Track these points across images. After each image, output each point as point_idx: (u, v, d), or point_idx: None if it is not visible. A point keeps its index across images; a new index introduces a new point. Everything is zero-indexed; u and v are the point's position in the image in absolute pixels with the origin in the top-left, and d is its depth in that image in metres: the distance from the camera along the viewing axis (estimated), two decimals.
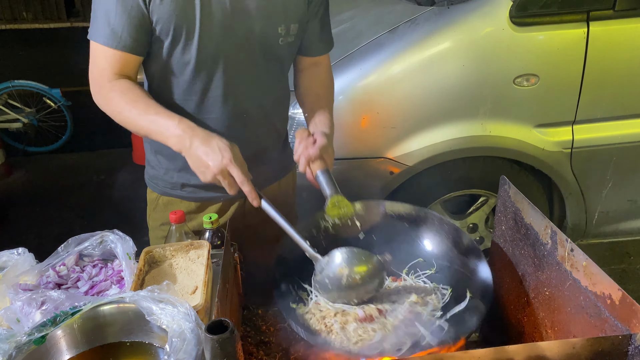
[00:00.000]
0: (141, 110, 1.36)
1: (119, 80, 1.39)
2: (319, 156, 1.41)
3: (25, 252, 1.36)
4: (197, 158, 1.30)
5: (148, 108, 1.36)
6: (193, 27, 1.36)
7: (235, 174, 1.29)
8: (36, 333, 1.02)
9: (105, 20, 1.34)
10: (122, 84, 1.39)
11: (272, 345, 1.41)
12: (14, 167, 4.71)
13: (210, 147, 1.29)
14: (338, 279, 1.28)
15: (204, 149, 1.29)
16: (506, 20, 2.38)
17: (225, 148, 1.29)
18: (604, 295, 1.04)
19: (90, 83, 1.42)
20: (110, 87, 1.39)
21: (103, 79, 1.39)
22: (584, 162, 2.63)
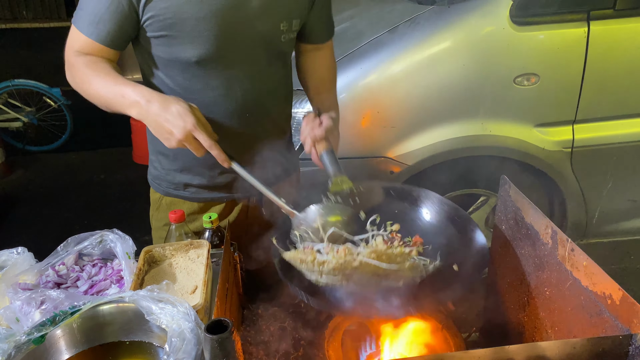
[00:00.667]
0: (102, 80, 1.34)
1: (85, 55, 1.38)
2: (324, 137, 1.43)
3: (25, 252, 1.36)
4: (158, 125, 1.27)
5: (107, 77, 1.34)
6: (192, 23, 1.34)
7: (201, 138, 1.26)
8: (35, 332, 1.01)
9: (89, 9, 1.34)
10: (88, 58, 1.38)
11: (272, 345, 1.41)
12: (13, 166, 4.71)
13: (170, 112, 1.25)
14: (315, 231, 1.30)
15: (164, 116, 1.25)
16: (507, 20, 2.38)
17: (185, 112, 1.25)
18: (604, 295, 1.04)
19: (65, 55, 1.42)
20: (75, 60, 1.38)
21: (70, 54, 1.39)
22: (584, 162, 2.63)
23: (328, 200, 1.36)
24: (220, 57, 1.42)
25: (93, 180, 4.53)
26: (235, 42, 1.41)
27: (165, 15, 1.32)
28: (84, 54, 1.38)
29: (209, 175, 1.57)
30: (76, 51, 1.39)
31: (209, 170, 1.55)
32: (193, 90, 1.45)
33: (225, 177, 1.57)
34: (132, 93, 1.29)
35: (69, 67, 1.41)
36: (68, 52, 1.41)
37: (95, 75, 1.35)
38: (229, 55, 1.42)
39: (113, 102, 1.34)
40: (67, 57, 1.41)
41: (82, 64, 1.37)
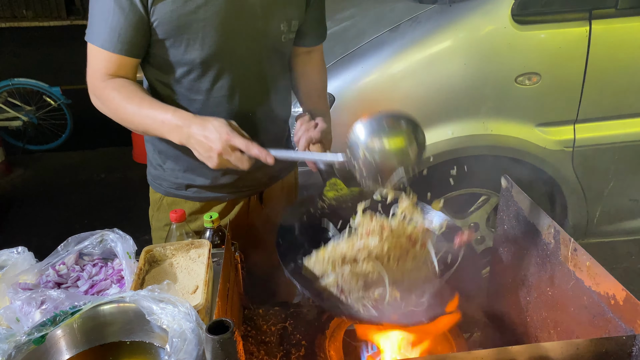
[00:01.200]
0: (136, 106, 1.35)
1: (113, 79, 1.38)
2: (319, 139, 1.43)
3: (25, 251, 1.35)
4: (199, 144, 1.29)
5: (142, 103, 1.35)
6: (197, 26, 1.35)
7: (237, 142, 1.26)
8: (36, 333, 1.01)
9: (101, 22, 1.33)
10: (115, 82, 1.38)
11: (273, 345, 1.41)
12: (13, 166, 4.71)
13: (207, 130, 1.27)
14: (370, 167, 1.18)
15: (203, 134, 1.27)
16: (508, 19, 2.37)
17: (221, 125, 1.27)
18: (607, 295, 1.03)
19: (87, 84, 1.41)
20: (104, 85, 1.37)
21: (97, 78, 1.38)
22: (585, 161, 2.62)
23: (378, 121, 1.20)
24: (224, 58, 1.42)
25: (93, 179, 4.53)
26: (238, 43, 1.41)
27: (171, 18, 1.32)
28: (110, 74, 1.37)
29: (212, 176, 1.56)
30: (103, 74, 1.37)
31: (212, 171, 1.55)
32: (196, 91, 1.45)
33: (228, 177, 1.57)
34: (172, 118, 1.31)
35: (97, 94, 1.39)
36: (93, 78, 1.38)
37: (128, 101, 1.35)
38: (232, 56, 1.43)
39: (151, 128, 1.36)
40: (93, 84, 1.39)
41: (112, 90, 1.36)
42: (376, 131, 1.17)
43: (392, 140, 1.16)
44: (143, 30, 1.34)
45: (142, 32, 1.34)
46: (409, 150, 1.17)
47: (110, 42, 1.33)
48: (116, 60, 1.35)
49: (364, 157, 1.16)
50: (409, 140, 1.17)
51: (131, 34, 1.32)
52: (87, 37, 1.37)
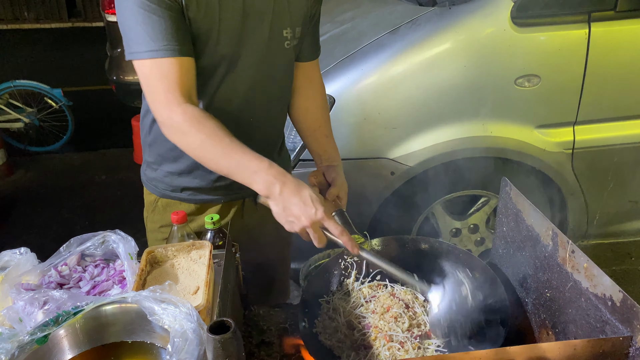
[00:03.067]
0: (225, 149, 1.28)
1: (190, 106, 1.29)
2: (334, 197, 1.45)
3: (28, 252, 1.36)
4: (287, 208, 1.25)
5: (233, 147, 1.28)
6: (212, 30, 1.35)
7: (331, 227, 1.25)
8: (38, 332, 1.02)
9: (143, 33, 1.26)
10: (195, 112, 1.29)
11: (274, 346, 1.42)
12: (15, 167, 4.72)
13: (303, 198, 1.23)
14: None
15: (296, 200, 1.23)
16: (507, 21, 2.38)
17: (317, 200, 1.24)
18: (605, 296, 1.04)
19: (156, 114, 1.34)
20: (182, 113, 1.28)
21: (172, 103, 1.28)
22: (585, 163, 2.63)
23: None
24: (230, 63, 1.43)
25: (94, 180, 4.54)
26: (243, 49, 1.42)
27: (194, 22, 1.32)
28: (180, 90, 1.28)
29: (208, 179, 1.57)
30: (175, 91, 1.27)
31: (209, 174, 1.56)
32: (200, 94, 1.46)
33: (224, 180, 1.58)
34: (267, 173, 1.26)
35: (175, 124, 1.29)
36: (167, 101, 1.28)
37: (213, 141, 1.28)
38: (238, 61, 1.43)
39: (237, 174, 1.30)
40: (169, 110, 1.29)
41: (196, 124, 1.28)
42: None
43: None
44: (185, 27, 1.31)
45: (186, 28, 1.31)
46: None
47: (167, 47, 1.26)
48: (178, 66, 1.28)
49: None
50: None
51: (181, 33, 1.29)
52: (136, 55, 1.29)
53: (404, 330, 1.33)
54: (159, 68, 1.28)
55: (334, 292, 1.48)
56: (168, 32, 1.27)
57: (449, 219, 2.75)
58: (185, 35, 1.31)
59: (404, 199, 2.59)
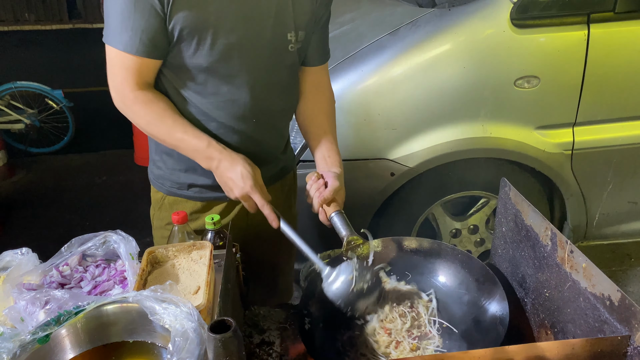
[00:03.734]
0: (169, 128, 1.42)
1: (142, 92, 1.40)
2: (331, 199, 1.46)
3: (29, 252, 1.37)
4: (223, 181, 1.45)
5: (175, 125, 1.42)
6: (206, 32, 1.36)
7: (255, 198, 1.41)
8: (40, 332, 1.03)
9: (122, 24, 1.32)
10: (145, 95, 1.41)
11: (274, 346, 1.42)
12: (16, 168, 4.73)
13: (235, 173, 1.41)
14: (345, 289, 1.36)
15: (229, 175, 1.42)
16: (507, 22, 2.39)
17: (247, 175, 1.40)
18: (603, 296, 1.05)
19: (111, 91, 1.43)
20: (133, 98, 1.40)
21: (125, 89, 1.40)
22: (584, 164, 2.63)
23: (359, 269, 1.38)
24: (231, 65, 1.43)
25: (95, 182, 4.55)
26: (246, 50, 1.43)
27: (184, 23, 1.34)
28: (137, 82, 1.39)
29: (213, 176, 1.58)
30: (132, 84, 1.39)
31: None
32: (202, 95, 1.46)
33: None
34: (205, 150, 1.43)
35: (126, 105, 1.42)
36: (121, 88, 1.40)
37: (160, 120, 1.43)
38: (239, 63, 1.44)
39: (182, 150, 1.47)
40: (121, 94, 1.41)
41: (143, 106, 1.41)
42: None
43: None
44: (163, 32, 1.35)
45: (163, 34, 1.35)
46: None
47: (133, 44, 1.33)
48: (139, 64, 1.37)
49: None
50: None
51: (152, 35, 1.33)
52: (107, 40, 1.37)
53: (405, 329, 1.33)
54: (123, 60, 1.37)
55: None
56: (141, 31, 1.33)
57: (449, 219, 2.76)
58: (158, 38, 1.35)
59: (404, 200, 2.60)
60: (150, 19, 1.32)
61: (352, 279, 1.35)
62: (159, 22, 1.33)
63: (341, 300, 1.35)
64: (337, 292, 1.36)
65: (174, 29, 1.35)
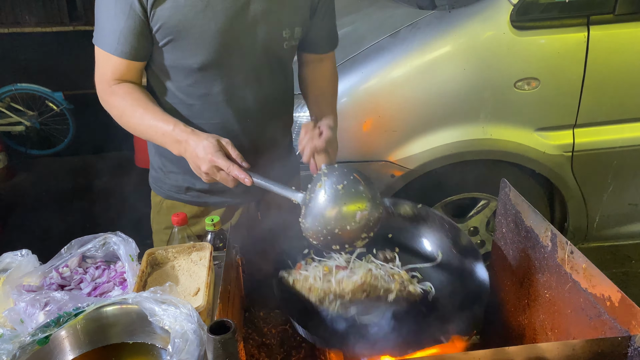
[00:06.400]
0: (140, 116, 1.39)
1: (119, 84, 1.41)
2: (324, 149, 1.41)
3: (29, 254, 1.37)
4: (191, 162, 1.34)
5: (146, 112, 1.39)
6: (195, 31, 1.36)
7: (220, 163, 1.28)
8: (40, 333, 1.02)
9: (106, 26, 1.36)
10: (122, 88, 1.41)
11: (274, 347, 1.42)
12: (16, 170, 4.73)
13: (198, 148, 1.30)
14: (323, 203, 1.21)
15: (194, 153, 1.31)
16: (507, 24, 2.39)
17: (209, 145, 1.29)
18: (603, 297, 1.05)
19: (96, 87, 1.45)
20: (110, 91, 1.42)
21: (104, 83, 1.42)
22: (585, 166, 2.63)
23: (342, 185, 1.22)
24: (223, 64, 1.43)
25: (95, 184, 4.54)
26: (238, 49, 1.43)
27: (170, 23, 1.34)
28: (116, 79, 1.40)
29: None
30: (109, 79, 1.41)
31: None
32: (195, 96, 1.46)
33: None
34: (173, 133, 1.35)
35: (104, 98, 1.44)
36: (101, 81, 1.43)
37: (133, 109, 1.40)
38: (231, 62, 1.44)
39: (154, 139, 1.41)
40: (100, 87, 1.43)
41: (117, 97, 1.41)
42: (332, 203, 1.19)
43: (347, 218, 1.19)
44: (144, 34, 1.36)
45: (144, 36, 1.36)
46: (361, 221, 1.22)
47: (113, 46, 1.36)
48: (121, 64, 1.38)
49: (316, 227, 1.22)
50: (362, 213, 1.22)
51: (132, 38, 1.35)
52: (94, 40, 1.40)
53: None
54: (109, 60, 1.39)
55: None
56: (119, 32, 1.34)
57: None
58: (140, 40, 1.36)
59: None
60: (130, 21, 1.33)
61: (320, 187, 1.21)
62: (140, 24, 1.34)
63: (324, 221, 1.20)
64: (317, 212, 1.20)
65: (159, 31, 1.36)
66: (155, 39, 1.38)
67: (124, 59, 1.38)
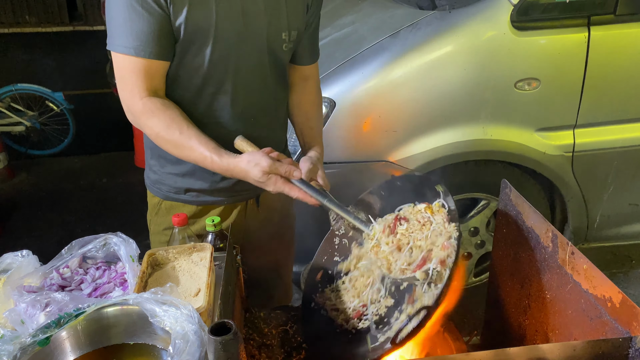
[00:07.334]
0: (177, 142, 1.38)
1: (151, 99, 1.36)
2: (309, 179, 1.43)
3: (29, 255, 1.37)
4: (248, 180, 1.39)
5: (182, 139, 1.37)
6: (208, 32, 1.37)
7: (292, 194, 1.39)
8: (40, 334, 1.02)
9: (126, 28, 1.31)
10: (153, 104, 1.36)
11: (274, 348, 1.42)
12: (16, 170, 4.72)
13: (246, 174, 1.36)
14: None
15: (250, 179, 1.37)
16: (507, 25, 2.39)
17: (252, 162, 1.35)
18: (604, 298, 1.05)
19: (121, 100, 1.40)
20: (142, 108, 1.36)
21: (134, 97, 1.36)
22: (585, 166, 2.63)
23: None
24: (229, 65, 1.44)
25: (95, 184, 4.54)
26: (244, 50, 1.44)
27: (186, 25, 1.34)
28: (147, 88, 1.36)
29: (210, 180, 1.58)
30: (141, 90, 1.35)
31: (211, 175, 1.57)
32: (201, 96, 1.47)
33: (227, 181, 1.59)
34: (218, 161, 1.37)
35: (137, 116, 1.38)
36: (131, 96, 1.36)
37: (169, 130, 1.37)
38: (237, 64, 1.45)
39: (193, 160, 1.42)
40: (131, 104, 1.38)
41: (151, 116, 1.37)
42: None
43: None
44: (170, 32, 1.35)
45: (170, 34, 1.35)
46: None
47: (143, 47, 1.32)
48: (149, 67, 1.34)
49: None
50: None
51: (161, 36, 1.33)
52: (114, 47, 1.35)
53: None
54: (131, 64, 1.34)
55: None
56: (146, 33, 1.32)
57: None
58: (164, 39, 1.34)
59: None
60: (158, 20, 1.31)
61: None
62: (166, 22, 1.32)
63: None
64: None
65: (179, 28, 1.35)
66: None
67: (154, 59, 1.34)
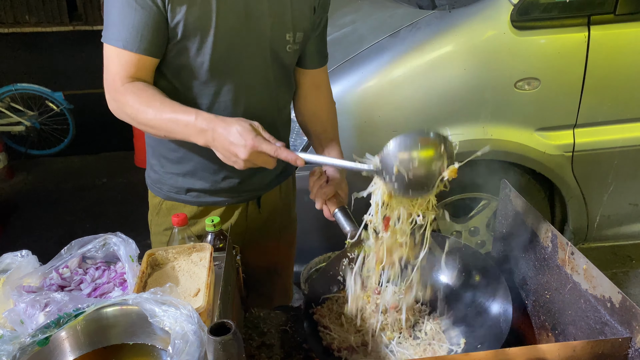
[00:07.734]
0: (157, 110, 1.32)
1: (132, 82, 1.36)
2: (333, 193, 1.45)
3: (29, 255, 1.37)
4: (224, 149, 1.27)
5: (163, 107, 1.32)
6: (208, 30, 1.36)
7: (265, 148, 1.24)
8: (40, 334, 1.02)
9: (121, 22, 1.32)
10: (134, 86, 1.35)
11: (274, 348, 1.42)
12: (16, 170, 4.72)
13: (232, 135, 1.25)
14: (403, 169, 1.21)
15: (228, 140, 1.25)
16: (507, 24, 2.39)
17: (245, 131, 1.24)
18: (604, 298, 1.05)
19: (105, 91, 1.40)
20: (123, 90, 1.35)
21: (116, 83, 1.36)
22: (585, 166, 2.63)
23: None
24: (231, 65, 1.43)
25: (95, 184, 4.54)
26: (246, 50, 1.43)
27: (185, 22, 1.34)
28: (129, 77, 1.35)
29: (212, 180, 1.58)
30: (122, 77, 1.35)
31: (213, 175, 1.56)
32: (203, 96, 1.46)
33: (228, 182, 1.59)
34: (196, 122, 1.28)
35: (116, 98, 1.37)
36: (112, 82, 1.36)
37: (148, 105, 1.33)
38: (239, 63, 1.44)
39: (174, 132, 1.33)
40: (112, 88, 1.37)
41: (131, 94, 1.34)
42: (409, 147, 1.22)
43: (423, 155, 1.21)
44: (163, 30, 1.34)
45: (162, 32, 1.34)
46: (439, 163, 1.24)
47: (132, 41, 1.32)
48: (137, 61, 1.34)
49: (398, 173, 1.20)
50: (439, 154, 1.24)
51: (152, 33, 1.32)
52: (106, 39, 1.36)
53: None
54: (119, 57, 1.34)
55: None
56: (137, 28, 1.31)
57: (450, 221, 2.75)
58: (155, 35, 1.34)
59: None
60: (151, 16, 1.31)
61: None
62: (160, 19, 1.32)
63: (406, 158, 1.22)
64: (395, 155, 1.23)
65: (177, 26, 1.34)
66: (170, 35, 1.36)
67: (141, 54, 1.34)
